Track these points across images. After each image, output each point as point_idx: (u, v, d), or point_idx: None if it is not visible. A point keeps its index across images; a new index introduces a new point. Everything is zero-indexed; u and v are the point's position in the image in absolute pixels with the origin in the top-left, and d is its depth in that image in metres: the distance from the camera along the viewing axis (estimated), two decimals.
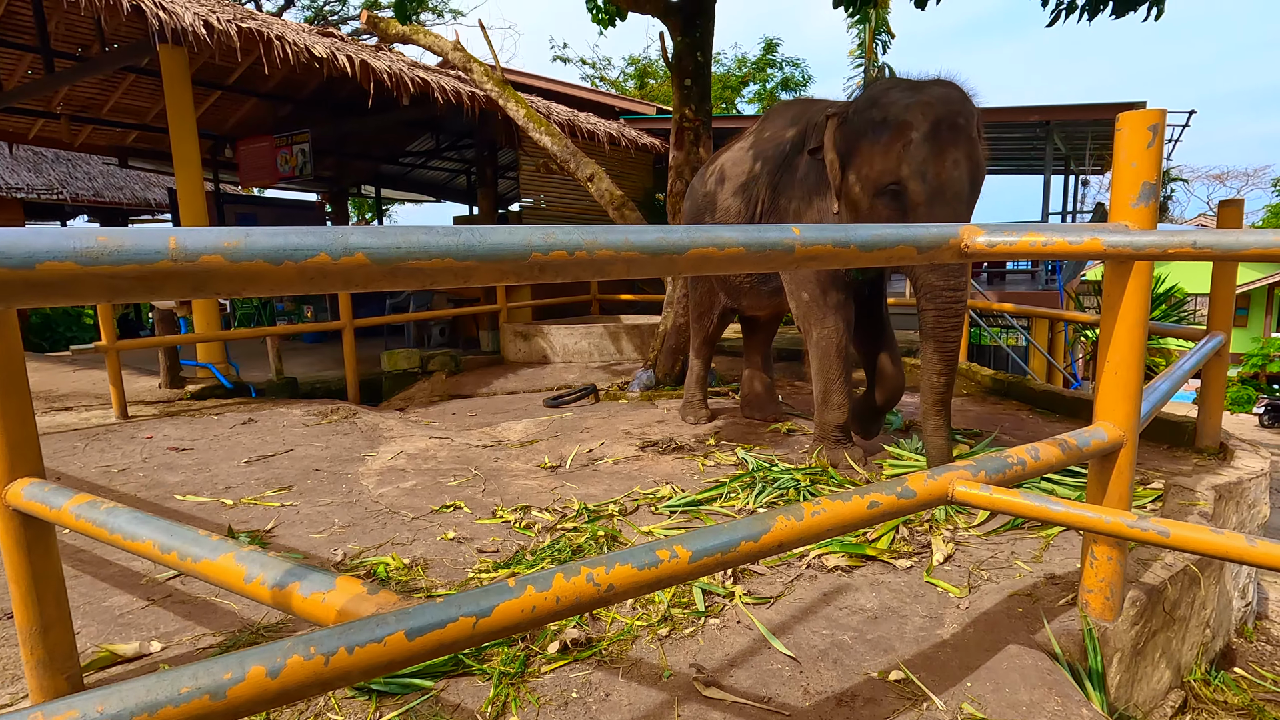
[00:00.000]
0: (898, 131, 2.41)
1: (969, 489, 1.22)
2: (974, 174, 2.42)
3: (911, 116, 2.38)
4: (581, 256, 0.80)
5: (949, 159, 2.37)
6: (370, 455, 3.50)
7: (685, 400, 4.05)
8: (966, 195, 2.41)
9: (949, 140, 2.36)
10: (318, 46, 5.11)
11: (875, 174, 2.49)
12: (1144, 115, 1.42)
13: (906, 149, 2.39)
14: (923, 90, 2.44)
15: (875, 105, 2.51)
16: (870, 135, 2.50)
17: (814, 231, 0.99)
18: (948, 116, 2.37)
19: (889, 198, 2.47)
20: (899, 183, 2.42)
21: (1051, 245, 1.07)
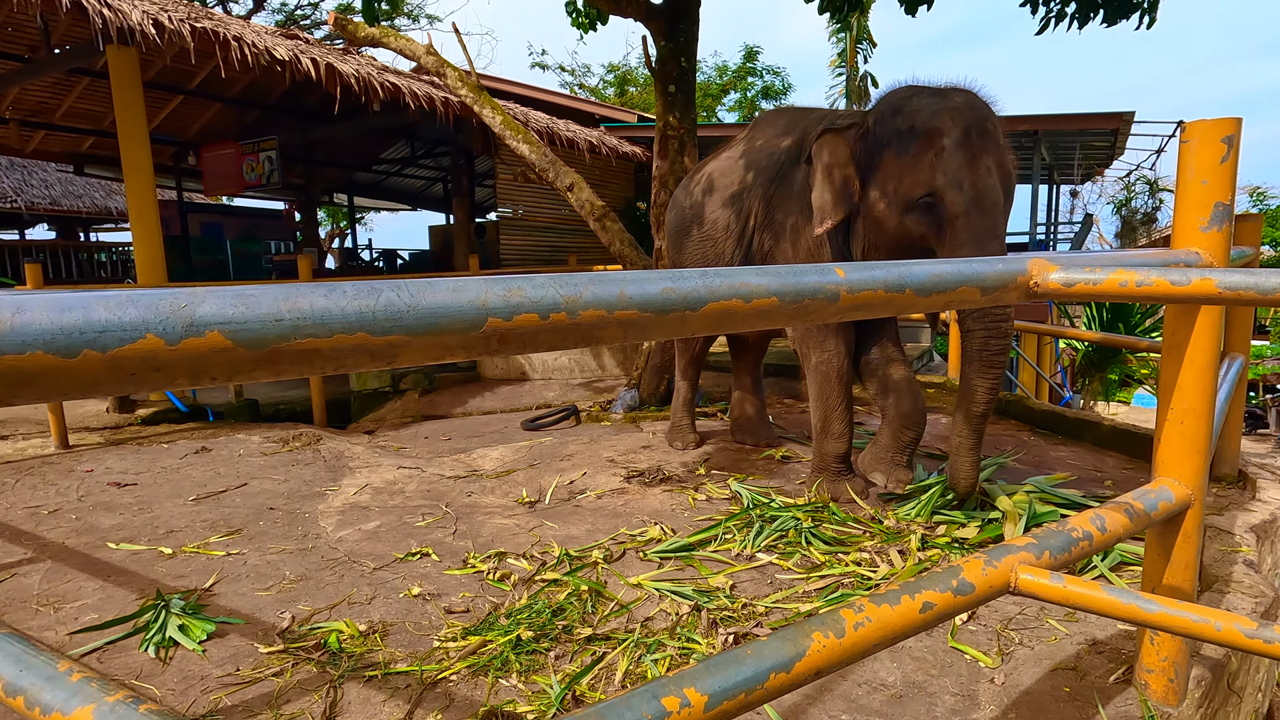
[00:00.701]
0: (927, 139, 2.20)
1: (1035, 577, 1.00)
2: (1006, 183, 2.24)
3: (941, 123, 2.19)
4: (559, 320, 0.57)
5: (982, 166, 2.17)
6: (332, 489, 3.22)
7: (672, 425, 3.81)
8: (1003, 205, 2.21)
9: (981, 147, 2.18)
10: (279, 49, 4.82)
11: (905, 187, 2.26)
12: (1216, 125, 1.22)
13: (939, 157, 2.18)
14: (947, 96, 2.26)
15: (899, 113, 2.30)
16: (896, 146, 2.28)
17: (861, 272, 0.77)
18: (977, 122, 2.19)
19: (921, 212, 2.25)
20: (934, 193, 2.20)
21: (1149, 286, 0.86)
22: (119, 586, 2.21)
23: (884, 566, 2.15)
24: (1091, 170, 10.28)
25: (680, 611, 1.94)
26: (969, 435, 2.29)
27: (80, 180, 11.57)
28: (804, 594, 2.06)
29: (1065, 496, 2.51)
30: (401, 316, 0.50)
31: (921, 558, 2.20)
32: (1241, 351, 2.72)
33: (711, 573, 2.20)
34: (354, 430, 5.05)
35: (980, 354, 2.23)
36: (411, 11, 15.22)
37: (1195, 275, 0.84)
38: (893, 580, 2.06)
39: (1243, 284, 0.81)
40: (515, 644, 1.79)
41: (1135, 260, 0.97)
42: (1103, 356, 7.08)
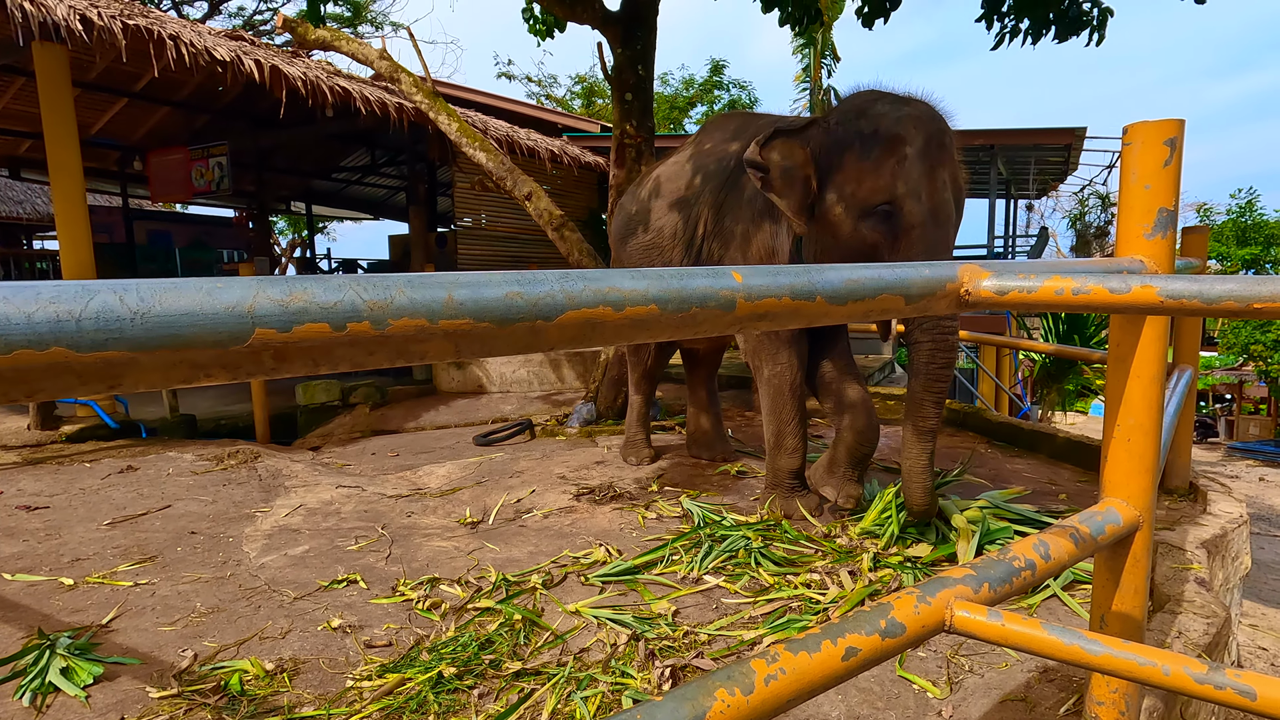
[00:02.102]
0: (891, 145, 2.13)
1: (972, 615, 0.91)
2: (958, 198, 2.21)
3: (905, 130, 2.13)
4: (361, 331, 0.45)
5: (939, 179, 2.13)
6: (263, 511, 3.03)
7: (626, 440, 3.70)
8: (954, 218, 2.17)
9: (939, 159, 2.13)
10: (220, 49, 4.63)
11: (865, 192, 2.18)
12: (1159, 126, 1.16)
13: (901, 165, 2.11)
14: (909, 104, 2.20)
15: (864, 116, 2.22)
16: (859, 149, 2.20)
17: (764, 277, 0.67)
18: (937, 134, 2.15)
19: (878, 219, 2.18)
20: (893, 202, 2.14)
21: (1086, 295, 0.78)
22: (4, 624, 2.01)
23: (833, 589, 2.06)
24: (1047, 184, 10.50)
25: (618, 642, 1.82)
26: (920, 454, 2.19)
27: (21, 186, 11.09)
28: (749, 620, 1.96)
29: (1019, 512, 2.45)
30: (124, 326, 0.38)
31: (873, 579, 2.12)
32: (1190, 363, 2.72)
33: (655, 598, 2.09)
34: (298, 447, 4.83)
35: (926, 368, 2.16)
36: (375, 19, 15.00)
37: (1135, 283, 0.76)
38: (841, 603, 1.97)
39: (1186, 292, 0.73)
40: (436, 682, 1.65)
41: (1073, 267, 0.89)
42: (1060, 368, 7.18)
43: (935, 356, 2.15)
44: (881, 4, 4.55)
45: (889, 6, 4.58)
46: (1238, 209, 18.45)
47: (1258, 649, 3.48)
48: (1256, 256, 18.00)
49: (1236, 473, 11.12)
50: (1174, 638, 1.59)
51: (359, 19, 14.49)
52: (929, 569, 2.21)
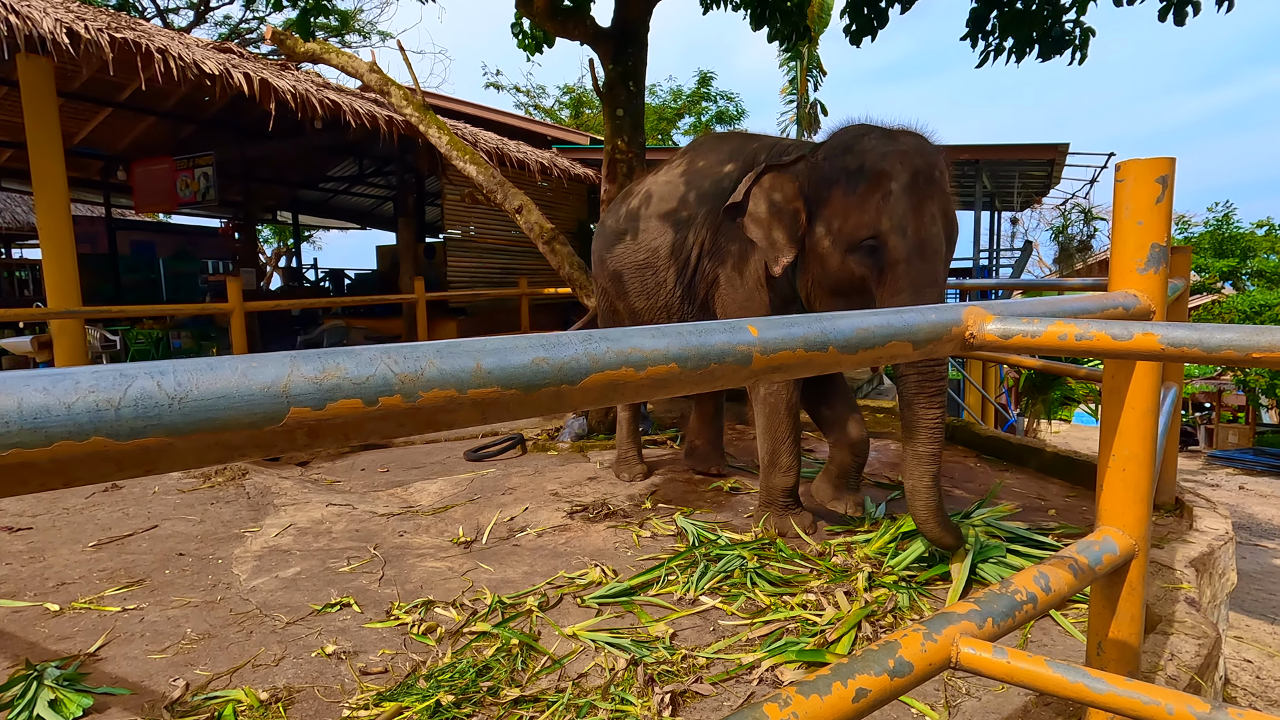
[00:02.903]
0: (875, 181, 2.16)
1: (978, 651, 0.92)
2: (949, 231, 2.21)
3: (890, 165, 2.15)
4: (393, 405, 0.46)
5: (927, 213, 2.14)
6: (252, 531, 3.00)
7: (618, 456, 3.69)
8: (944, 253, 2.19)
9: (927, 193, 2.14)
10: (209, 62, 4.60)
11: (850, 227, 2.22)
12: (1151, 165, 1.19)
13: (886, 200, 2.14)
14: (897, 138, 2.22)
15: (849, 151, 2.26)
16: (844, 184, 2.24)
17: (779, 330, 0.68)
18: (925, 169, 2.16)
19: (864, 253, 2.21)
20: (877, 236, 2.17)
21: (1089, 341, 0.80)
22: None
23: (830, 610, 2.07)
24: (1030, 198, 10.66)
25: (616, 666, 1.82)
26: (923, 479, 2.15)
27: (1, 195, 10.93)
28: (747, 642, 1.96)
29: (1011, 530, 2.48)
30: (161, 412, 0.38)
31: (868, 599, 2.13)
32: (1176, 381, 2.77)
33: (652, 620, 2.09)
34: (287, 461, 4.78)
35: (916, 398, 2.17)
36: (362, 29, 14.98)
37: (1137, 329, 0.78)
38: (838, 624, 1.98)
39: (1187, 340, 0.75)
40: (434, 711, 1.64)
41: (1074, 307, 0.91)
42: (1044, 379, 7.27)
43: (924, 386, 2.16)
44: (869, 22, 4.62)
45: (876, 25, 4.64)
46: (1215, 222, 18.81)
47: (1243, 661, 3.53)
48: (1234, 268, 18.36)
49: (1217, 481, 11.30)
50: (1167, 660, 1.61)
51: (346, 28, 14.46)
52: (923, 588, 2.23)
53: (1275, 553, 7.00)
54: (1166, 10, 3.86)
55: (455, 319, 7.88)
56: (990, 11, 4.38)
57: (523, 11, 4.28)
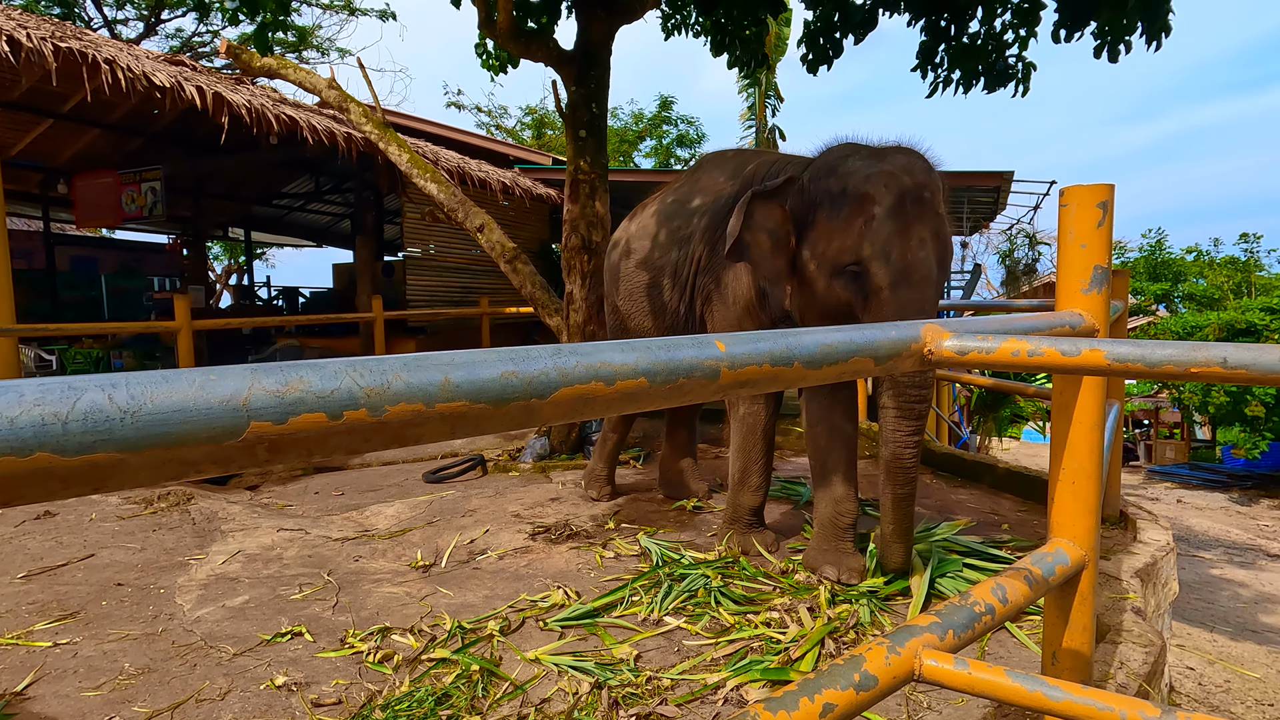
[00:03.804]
0: (858, 205, 2.09)
1: (940, 663, 0.93)
2: (941, 254, 2.12)
3: (873, 188, 2.08)
4: (358, 420, 0.45)
5: (915, 237, 2.05)
6: (198, 559, 2.87)
7: (589, 471, 3.63)
8: (934, 278, 2.08)
9: (915, 216, 2.06)
10: (159, 74, 4.48)
11: (833, 252, 2.15)
12: (1092, 191, 1.25)
13: (868, 225, 2.07)
14: (885, 158, 2.14)
15: (833, 173, 2.19)
16: (828, 207, 2.17)
17: (745, 345, 0.69)
18: (913, 189, 2.07)
19: (848, 279, 2.14)
20: (860, 263, 2.10)
21: (1040, 357, 0.83)
22: None
23: (794, 627, 2.08)
24: (979, 223, 11.07)
25: (580, 690, 1.79)
26: (900, 518, 2.15)
27: None
28: (712, 662, 1.95)
29: (967, 544, 2.53)
30: (113, 427, 0.37)
31: (831, 615, 2.14)
32: (1118, 398, 2.88)
33: (616, 642, 2.06)
34: (235, 486, 4.60)
35: (893, 435, 2.10)
36: (321, 45, 14.81)
37: (1084, 346, 0.81)
38: (802, 641, 1.98)
39: (1130, 355, 0.79)
40: None
41: (1025, 325, 0.95)
42: (995, 397, 7.49)
43: (901, 424, 2.09)
44: (825, 52, 4.77)
45: (832, 55, 4.80)
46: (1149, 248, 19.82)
47: (1185, 669, 3.66)
48: (1167, 291, 19.35)
49: (1157, 495, 11.78)
50: (1117, 668, 1.66)
51: (304, 44, 14.28)
52: (883, 603, 2.26)
53: (1212, 563, 7.31)
54: (1101, 48, 4.08)
55: (414, 338, 7.75)
56: (939, 45, 4.57)
57: (486, 32, 4.30)
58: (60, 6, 11.70)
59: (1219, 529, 9.27)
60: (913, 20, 4.55)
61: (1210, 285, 20.22)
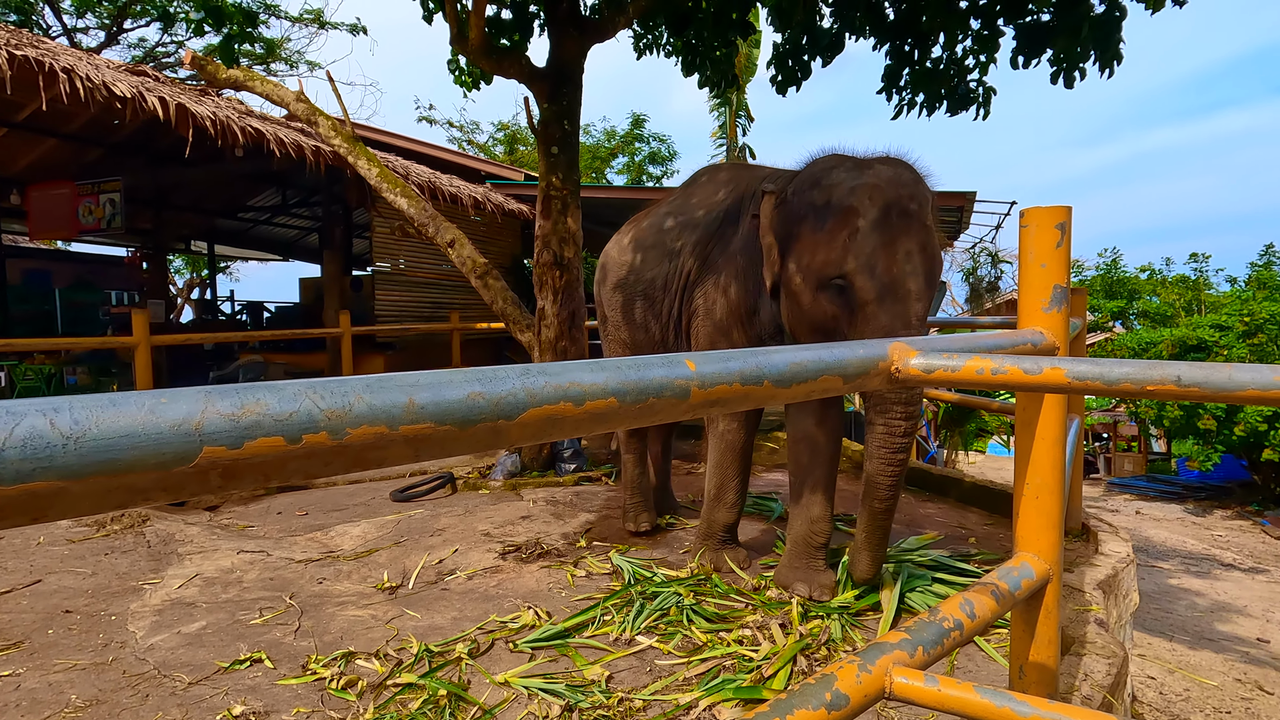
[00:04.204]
0: (843, 217, 2.05)
1: (910, 680, 0.94)
2: (929, 268, 2.06)
3: (857, 200, 2.04)
4: (318, 443, 0.43)
5: (901, 250, 2.00)
6: (152, 583, 2.77)
7: (625, 508, 3.35)
8: (922, 292, 2.03)
9: (901, 229, 2.01)
10: (120, 84, 4.38)
11: (818, 265, 2.11)
12: (1051, 212, 1.29)
13: (853, 238, 2.03)
14: (870, 170, 2.10)
15: (817, 186, 2.16)
16: (812, 219, 2.14)
17: (715, 364, 0.69)
18: (898, 201, 2.03)
19: (833, 292, 2.10)
20: (844, 277, 2.05)
21: (1003, 375, 0.85)
22: None
23: (765, 644, 2.07)
24: (943, 242, 11.35)
25: (550, 714, 1.76)
26: (874, 530, 2.16)
27: None
28: (684, 681, 1.93)
29: (935, 558, 2.56)
30: (54, 454, 0.35)
31: (803, 632, 2.14)
32: (1079, 413, 2.96)
33: (587, 663, 2.04)
34: (193, 506, 4.46)
35: (878, 451, 2.07)
36: (290, 58, 14.65)
37: (1046, 364, 0.83)
38: (774, 659, 1.98)
39: (1090, 374, 0.81)
40: None
41: (989, 343, 0.97)
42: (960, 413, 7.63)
43: (888, 441, 2.05)
44: (793, 74, 4.86)
45: (800, 76, 4.89)
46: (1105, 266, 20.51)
47: (1147, 678, 3.74)
48: (1123, 308, 20.01)
49: (1116, 507, 12.09)
50: (1082, 680, 1.69)
51: (272, 56, 14.11)
52: (854, 619, 2.27)
53: (1170, 573, 7.51)
54: (1057, 75, 4.23)
55: (383, 354, 7.64)
56: (903, 69, 4.69)
57: (458, 49, 4.29)
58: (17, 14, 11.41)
59: (1176, 539, 9.53)
60: (878, 44, 4.67)
61: (1163, 303, 20.98)
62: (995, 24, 4.36)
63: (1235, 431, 10.90)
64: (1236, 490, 12.43)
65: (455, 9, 4.00)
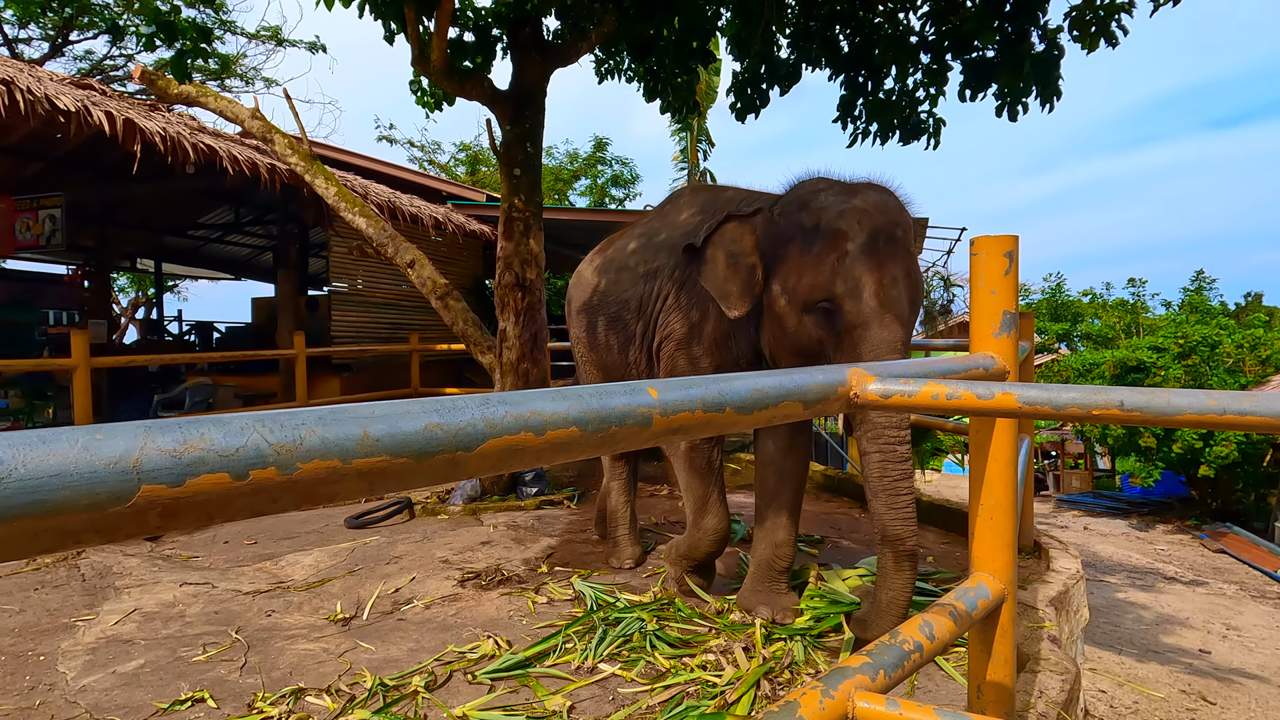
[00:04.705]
0: (832, 241, 2.04)
1: (872, 705, 0.94)
2: (913, 293, 2.07)
3: (847, 224, 2.03)
4: (266, 479, 0.42)
5: (888, 275, 2.00)
6: (86, 619, 2.62)
7: (611, 539, 3.25)
8: (908, 318, 2.03)
9: (888, 254, 2.02)
10: (64, 98, 4.23)
11: (805, 288, 2.09)
12: (999, 241, 1.33)
13: (841, 262, 2.01)
14: (857, 195, 2.10)
15: (805, 208, 2.14)
16: (800, 242, 2.11)
17: (677, 391, 0.69)
18: (886, 227, 2.03)
19: (820, 315, 2.08)
20: (832, 300, 2.03)
21: (957, 400, 0.87)
22: None
23: (729, 669, 2.06)
24: None
25: None
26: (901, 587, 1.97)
27: None
28: (647, 709, 1.90)
29: None
30: None
31: (767, 655, 2.14)
32: (1028, 432, 3.05)
33: (548, 693, 1.99)
34: (133, 537, 4.25)
35: (880, 482, 1.97)
36: (246, 74, 14.38)
37: (998, 390, 0.85)
38: (738, 684, 1.96)
39: (1039, 399, 0.84)
40: None
41: (943, 368, 0.99)
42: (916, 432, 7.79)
43: (888, 469, 1.96)
44: (752, 101, 4.98)
45: (759, 104, 5.01)
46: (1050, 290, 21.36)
47: (1098, 691, 3.83)
48: (1067, 331, 20.84)
49: (1066, 523, 12.45)
50: (1037, 697, 1.72)
51: (227, 73, 13.82)
52: (817, 640, 2.27)
53: (1117, 587, 7.75)
54: (1002, 108, 4.43)
55: (339, 376, 7.45)
56: (857, 99, 4.85)
57: (420, 70, 4.28)
58: None
59: (1122, 554, 9.86)
60: (833, 75, 4.82)
61: (1105, 325, 21.94)
62: (944, 59, 4.55)
63: (1174, 449, 11.38)
64: (1176, 505, 12.95)
65: (417, 30, 3.99)
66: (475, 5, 4.45)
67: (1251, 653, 5.93)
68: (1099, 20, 3.86)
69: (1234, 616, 6.97)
